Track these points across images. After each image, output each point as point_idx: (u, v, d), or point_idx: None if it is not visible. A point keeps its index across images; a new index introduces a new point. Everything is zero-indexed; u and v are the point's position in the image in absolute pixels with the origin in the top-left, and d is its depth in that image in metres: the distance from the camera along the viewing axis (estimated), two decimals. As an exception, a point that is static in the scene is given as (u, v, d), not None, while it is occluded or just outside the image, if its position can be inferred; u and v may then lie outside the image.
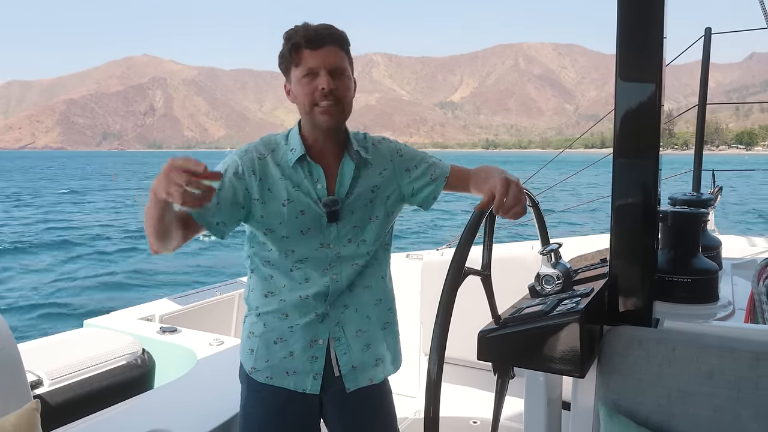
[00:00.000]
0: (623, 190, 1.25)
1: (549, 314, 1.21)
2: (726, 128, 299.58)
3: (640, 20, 1.20)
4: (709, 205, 1.85)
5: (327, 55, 1.45)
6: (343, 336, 1.58)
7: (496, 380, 1.39)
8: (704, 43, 2.94)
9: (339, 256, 1.54)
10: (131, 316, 3.03)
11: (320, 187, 1.52)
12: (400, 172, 1.63)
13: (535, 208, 1.58)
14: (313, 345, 1.56)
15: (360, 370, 1.60)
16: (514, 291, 1.50)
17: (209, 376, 2.24)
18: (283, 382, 1.57)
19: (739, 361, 1.14)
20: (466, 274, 1.18)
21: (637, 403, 1.20)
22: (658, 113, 1.21)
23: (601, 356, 1.25)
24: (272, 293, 1.56)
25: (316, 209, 1.51)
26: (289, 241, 1.51)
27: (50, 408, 2.20)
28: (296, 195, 1.50)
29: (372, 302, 1.62)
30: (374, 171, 1.59)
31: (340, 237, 1.54)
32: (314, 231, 1.52)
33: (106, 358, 2.52)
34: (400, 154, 1.64)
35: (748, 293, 1.50)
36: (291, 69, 1.49)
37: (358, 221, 1.55)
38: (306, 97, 1.46)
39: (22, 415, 1.49)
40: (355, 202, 1.55)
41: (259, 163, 1.51)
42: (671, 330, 1.28)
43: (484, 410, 2.96)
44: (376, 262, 1.61)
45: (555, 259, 1.40)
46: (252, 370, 1.60)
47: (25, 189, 46.77)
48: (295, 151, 1.51)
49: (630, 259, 1.27)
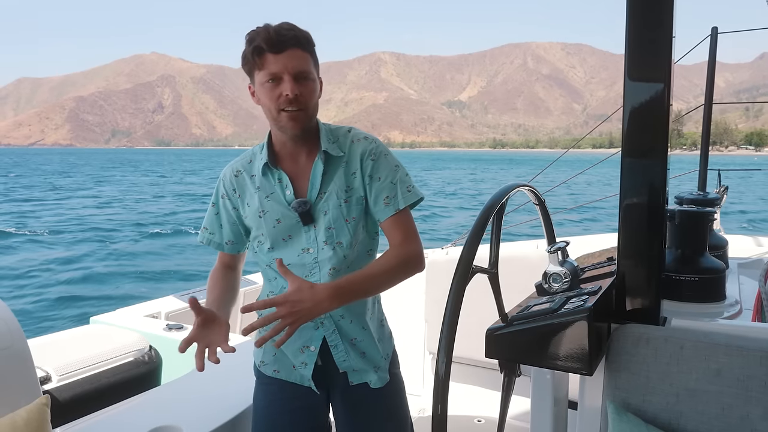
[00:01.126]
0: (631, 189, 1.25)
1: (557, 312, 1.21)
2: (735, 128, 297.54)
3: (649, 19, 1.20)
4: (716, 205, 1.85)
5: (290, 59, 1.39)
6: (341, 343, 1.56)
7: (503, 378, 1.39)
8: (710, 43, 2.93)
9: (317, 260, 1.50)
10: (137, 313, 3.05)
11: (289, 193, 1.50)
12: (365, 175, 1.52)
13: (542, 207, 1.58)
14: (304, 351, 1.55)
15: (360, 373, 1.60)
16: (521, 289, 1.50)
17: (216, 372, 2.25)
18: (290, 376, 1.59)
19: (747, 359, 1.14)
20: (474, 273, 1.18)
21: (645, 401, 1.20)
22: (666, 112, 1.21)
23: (609, 354, 1.25)
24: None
25: (290, 215, 1.49)
26: (275, 251, 1.52)
27: (59, 403, 2.21)
28: (269, 204, 1.50)
29: (361, 311, 1.58)
30: (348, 170, 1.52)
31: (317, 240, 1.50)
32: (295, 237, 1.51)
33: (114, 355, 2.54)
34: (372, 158, 1.52)
35: (755, 293, 1.50)
36: (254, 72, 1.44)
37: (332, 222, 1.49)
38: (271, 102, 1.42)
39: (33, 410, 1.51)
40: (327, 203, 1.49)
41: (235, 180, 1.55)
42: (679, 328, 1.27)
43: (489, 409, 2.96)
44: (358, 268, 1.52)
45: (562, 258, 1.40)
46: (261, 363, 1.63)
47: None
48: (262, 160, 1.52)
49: (637, 257, 1.27)
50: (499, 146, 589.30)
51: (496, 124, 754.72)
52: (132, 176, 59.43)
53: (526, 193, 1.52)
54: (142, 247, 17.04)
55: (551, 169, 3.91)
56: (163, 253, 15.94)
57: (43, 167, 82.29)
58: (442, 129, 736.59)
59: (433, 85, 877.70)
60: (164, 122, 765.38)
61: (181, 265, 14.45)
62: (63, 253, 15.79)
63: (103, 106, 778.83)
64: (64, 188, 40.55)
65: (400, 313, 1.85)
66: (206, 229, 1.63)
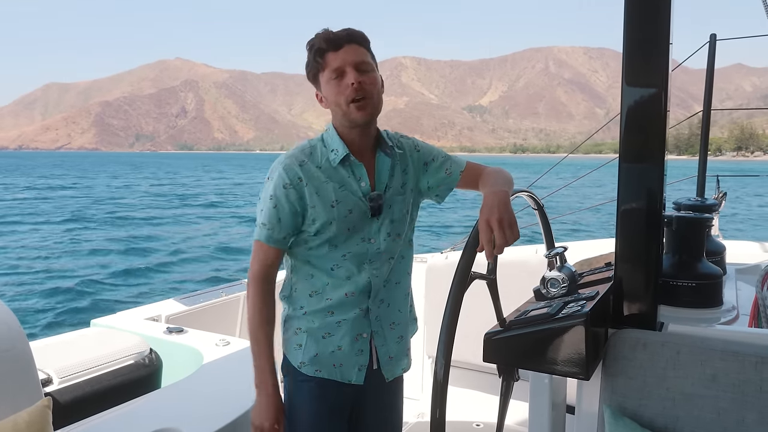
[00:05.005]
0: (629, 195, 1.26)
1: (554, 317, 1.22)
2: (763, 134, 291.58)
3: (647, 25, 1.21)
4: (714, 210, 1.85)
5: (348, 53, 1.51)
6: (381, 329, 1.65)
7: (501, 383, 1.41)
8: (709, 50, 2.94)
9: (379, 251, 1.60)
10: (138, 316, 3.05)
11: (364, 185, 1.58)
12: (419, 167, 1.68)
13: (540, 212, 1.59)
14: (359, 339, 1.63)
15: (395, 360, 1.69)
16: (519, 294, 1.51)
17: (216, 375, 2.26)
18: (332, 374, 1.63)
19: (743, 364, 1.14)
20: (473, 279, 1.20)
21: (642, 405, 1.21)
22: (664, 118, 1.22)
23: (606, 359, 1.26)
24: (316, 292, 1.61)
25: (362, 206, 1.57)
26: (336, 239, 1.57)
27: (60, 406, 2.21)
28: (343, 195, 1.56)
29: (402, 297, 1.70)
30: (402, 166, 1.65)
31: (381, 231, 1.60)
32: (359, 227, 1.58)
33: (115, 358, 2.54)
34: (417, 150, 1.70)
35: (752, 298, 1.50)
36: (319, 75, 1.55)
37: (395, 215, 1.61)
38: (338, 96, 1.51)
39: (35, 412, 1.51)
40: (392, 197, 1.61)
41: (301, 169, 1.55)
42: (676, 333, 1.28)
43: (487, 413, 2.95)
44: (403, 258, 1.69)
45: (560, 263, 1.41)
46: (301, 364, 1.64)
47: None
48: (337, 151, 1.56)
49: (635, 262, 1.27)
50: (519, 151, 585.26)
51: (517, 128, 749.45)
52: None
53: (525, 198, 1.53)
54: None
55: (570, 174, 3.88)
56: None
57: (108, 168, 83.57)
58: (462, 134, 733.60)
59: (454, 90, 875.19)
60: (187, 126, 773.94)
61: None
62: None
63: (128, 110, 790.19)
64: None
65: None
66: (264, 225, 1.58)
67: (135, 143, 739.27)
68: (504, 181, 1.49)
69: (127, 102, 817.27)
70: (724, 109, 3.95)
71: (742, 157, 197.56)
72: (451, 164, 1.69)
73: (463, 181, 1.68)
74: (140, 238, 19.42)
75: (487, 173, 1.61)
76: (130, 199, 35.80)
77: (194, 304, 3.25)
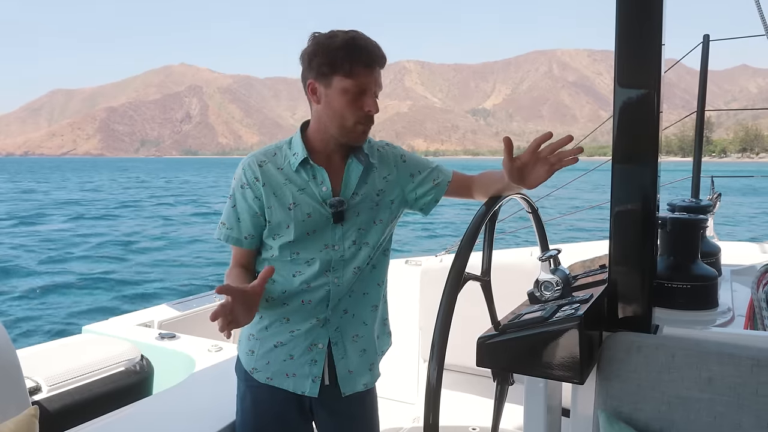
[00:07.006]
0: (622, 197, 1.25)
1: (548, 320, 1.21)
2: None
3: (639, 27, 1.20)
4: (708, 212, 1.83)
5: (377, 77, 1.48)
6: (341, 340, 1.59)
7: (496, 387, 1.39)
8: (702, 51, 2.94)
9: (342, 258, 1.55)
10: (129, 323, 3.01)
11: (325, 189, 1.53)
12: (404, 177, 1.64)
13: (535, 215, 1.58)
14: (312, 349, 1.58)
15: (355, 375, 1.62)
16: (514, 297, 1.50)
17: (208, 382, 2.23)
18: (283, 384, 1.60)
19: (739, 367, 1.13)
20: (466, 280, 1.19)
21: (637, 409, 1.20)
22: (656, 119, 1.21)
23: (601, 362, 1.25)
24: (273, 298, 1.57)
25: (322, 211, 1.52)
26: (295, 244, 1.53)
27: (49, 414, 2.19)
28: (301, 198, 1.52)
29: (368, 308, 1.63)
30: (379, 175, 1.61)
31: (345, 238, 1.55)
32: (320, 232, 1.53)
33: (105, 365, 2.50)
34: (403, 160, 1.66)
35: (747, 300, 1.48)
36: (336, 74, 1.45)
37: (362, 223, 1.56)
38: (349, 112, 1.46)
39: (21, 421, 1.46)
40: (360, 204, 1.56)
41: (260, 169, 1.53)
42: (671, 336, 1.27)
43: (482, 417, 2.91)
44: (374, 268, 1.62)
45: (554, 265, 1.40)
46: (253, 370, 1.62)
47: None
48: (297, 155, 1.53)
49: (629, 265, 1.26)
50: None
51: (521, 131, 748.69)
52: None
53: (519, 201, 1.52)
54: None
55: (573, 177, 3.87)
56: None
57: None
58: (466, 137, 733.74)
59: (458, 93, 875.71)
60: (191, 132, 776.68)
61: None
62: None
63: (133, 116, 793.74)
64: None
65: (395, 320, 1.84)
66: (224, 224, 1.58)
67: (140, 149, 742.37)
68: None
69: (132, 108, 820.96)
70: (717, 109, 3.94)
71: (747, 159, 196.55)
72: (438, 174, 1.65)
73: (452, 190, 1.66)
74: (133, 242, 19.46)
75: (483, 173, 1.60)
76: (128, 201, 36.12)
77: (187, 310, 3.23)
